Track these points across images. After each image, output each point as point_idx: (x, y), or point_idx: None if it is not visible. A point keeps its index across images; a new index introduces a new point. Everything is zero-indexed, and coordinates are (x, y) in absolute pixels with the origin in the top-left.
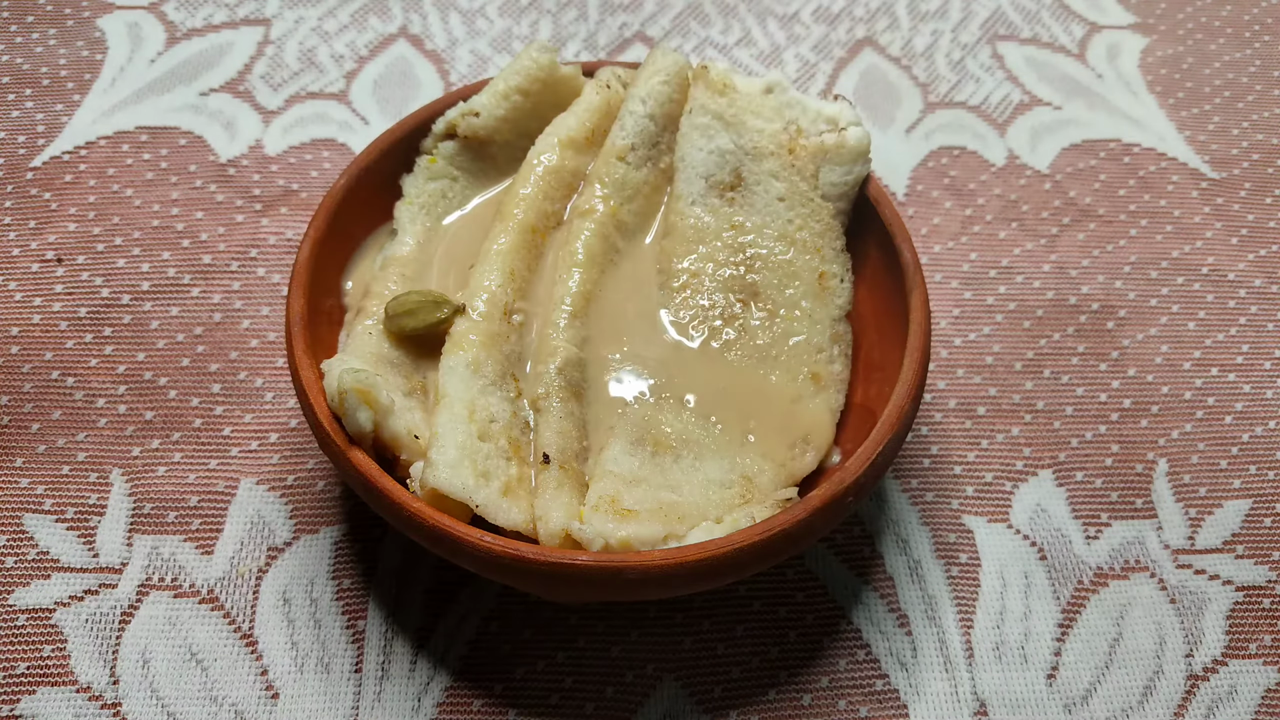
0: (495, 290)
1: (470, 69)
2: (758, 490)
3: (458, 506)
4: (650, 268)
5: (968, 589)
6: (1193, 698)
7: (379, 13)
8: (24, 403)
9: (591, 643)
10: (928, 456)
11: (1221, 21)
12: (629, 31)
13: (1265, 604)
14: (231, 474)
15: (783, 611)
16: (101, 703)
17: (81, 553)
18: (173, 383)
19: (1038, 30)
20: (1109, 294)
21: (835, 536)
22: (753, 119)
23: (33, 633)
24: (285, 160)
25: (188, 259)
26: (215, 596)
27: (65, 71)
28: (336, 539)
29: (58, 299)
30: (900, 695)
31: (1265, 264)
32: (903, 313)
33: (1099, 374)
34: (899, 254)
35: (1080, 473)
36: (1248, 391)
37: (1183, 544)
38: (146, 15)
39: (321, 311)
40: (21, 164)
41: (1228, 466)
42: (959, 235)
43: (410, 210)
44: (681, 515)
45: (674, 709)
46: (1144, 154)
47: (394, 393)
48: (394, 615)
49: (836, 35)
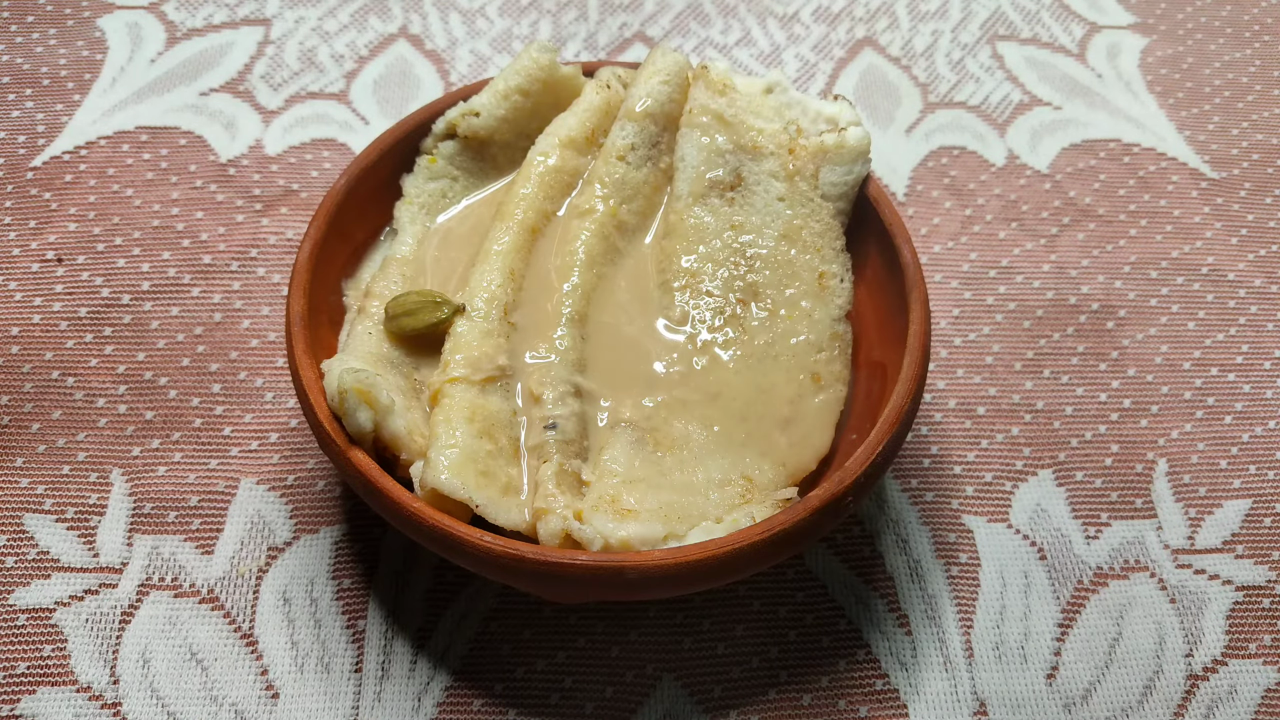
0: (495, 290)
1: (470, 69)
2: (758, 490)
3: (458, 506)
4: (650, 268)
5: (968, 589)
6: (1192, 697)
7: (379, 13)
8: (24, 402)
9: (591, 643)
10: (928, 456)
11: (1221, 21)
12: (629, 31)
13: (1265, 604)
14: (232, 474)
15: (783, 611)
16: (101, 703)
17: (81, 553)
18: (173, 382)
19: (1038, 30)
20: (1109, 294)
21: (835, 536)
22: (753, 119)
23: (33, 633)
24: (285, 160)
25: (188, 259)
26: (215, 596)
27: (65, 71)
28: (336, 539)
29: (58, 299)
30: (900, 695)
31: (1265, 264)
32: (903, 313)
33: (1099, 374)
34: (899, 254)
35: (1080, 472)
36: (1247, 391)
37: (1183, 544)
38: (146, 15)
39: (321, 311)
40: (21, 164)
41: (1228, 466)
42: (959, 235)
43: (410, 210)
44: (681, 515)
45: (674, 709)
46: (1144, 154)
47: (394, 393)
48: (394, 615)
49: (836, 35)
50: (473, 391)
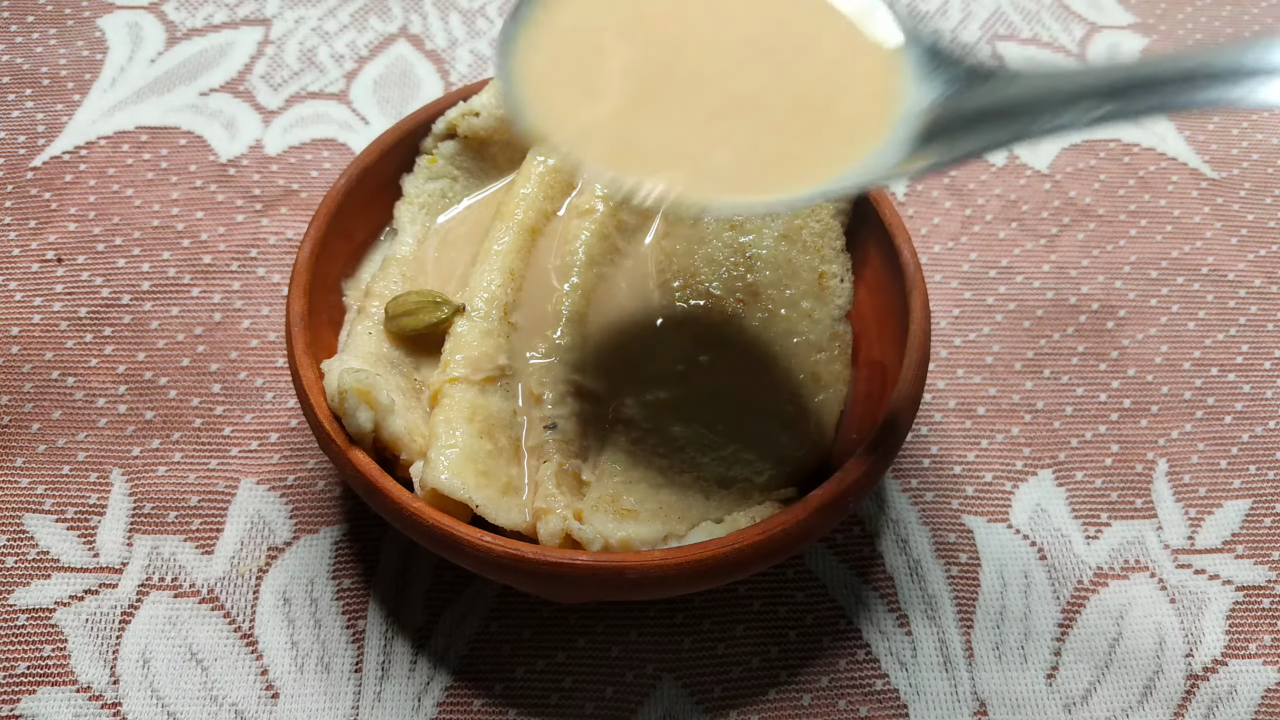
0: (495, 290)
1: (470, 69)
2: (758, 490)
3: (458, 506)
4: (650, 268)
5: (968, 589)
6: (1192, 698)
7: (379, 13)
8: (24, 402)
9: (591, 643)
10: (928, 456)
11: (1221, 21)
12: None
13: (1265, 604)
14: (231, 474)
15: (783, 611)
16: (101, 702)
17: (81, 552)
18: (173, 382)
19: (1038, 30)
20: (1109, 294)
21: (835, 536)
22: None
23: (33, 632)
24: (285, 160)
25: (188, 259)
26: (215, 596)
27: (65, 71)
28: (336, 539)
29: (58, 299)
30: (900, 695)
31: (1265, 264)
32: (903, 313)
33: (1099, 374)
34: (899, 254)
35: (1080, 472)
36: (1247, 391)
37: (1182, 544)
38: (146, 15)
39: (321, 311)
40: (21, 164)
41: (1228, 466)
42: (959, 235)
43: (410, 210)
44: (681, 515)
45: (674, 709)
46: (1144, 154)
47: (394, 393)
48: (394, 615)
49: None
50: (473, 391)
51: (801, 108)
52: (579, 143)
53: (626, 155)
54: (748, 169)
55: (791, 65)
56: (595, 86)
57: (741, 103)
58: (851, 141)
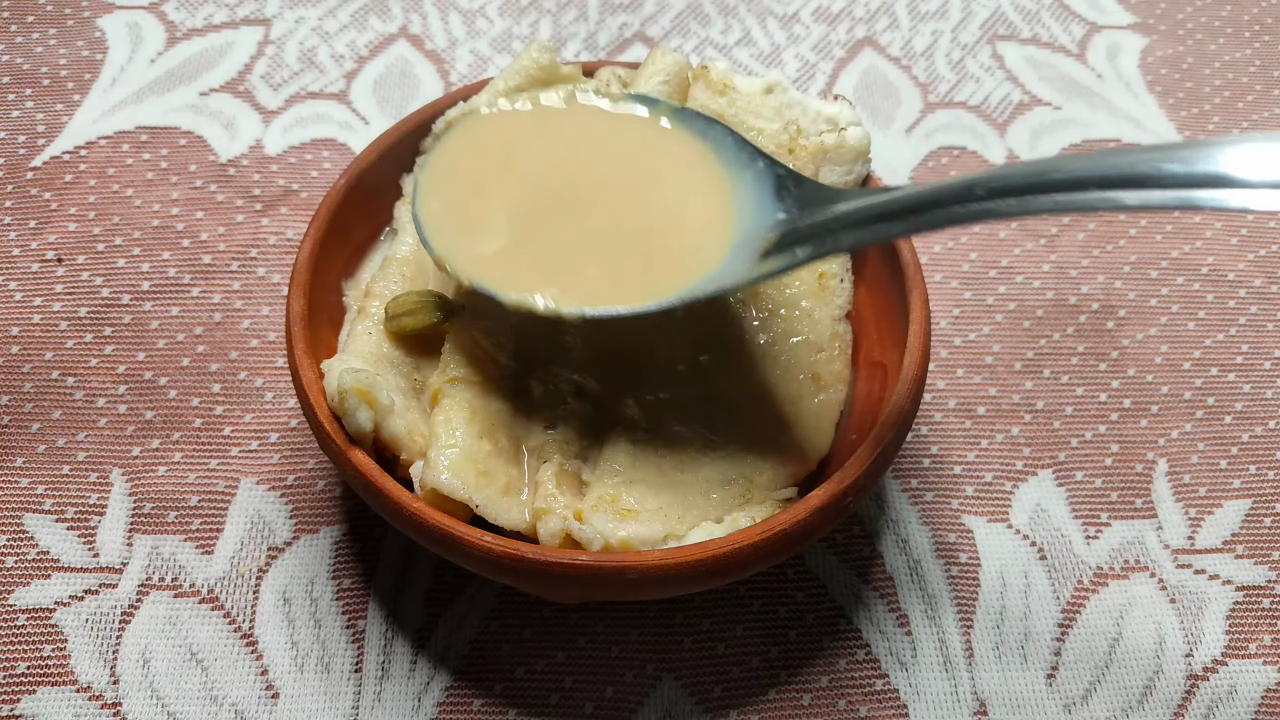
0: None
1: (470, 69)
2: (758, 490)
3: (458, 506)
4: None
5: (968, 589)
6: (1192, 698)
7: (379, 13)
8: (24, 403)
9: (591, 643)
10: (928, 456)
11: (1221, 21)
12: (629, 31)
13: (1265, 604)
14: (231, 474)
15: (783, 611)
16: (101, 703)
17: (81, 552)
18: (173, 382)
19: (1038, 30)
20: (1109, 294)
21: (835, 536)
22: (753, 119)
23: (33, 632)
24: (285, 160)
25: (188, 259)
26: (215, 596)
27: (65, 71)
28: (336, 539)
29: (58, 299)
30: (900, 695)
31: (1265, 264)
32: (903, 313)
33: (1099, 374)
34: (899, 254)
35: (1080, 472)
36: (1247, 391)
37: (1183, 544)
38: (146, 15)
39: (321, 311)
40: (21, 164)
41: (1228, 466)
42: (959, 235)
43: (410, 210)
44: (681, 515)
45: (674, 709)
46: None
47: (394, 393)
48: (394, 615)
49: (836, 35)
50: (473, 391)
51: (653, 233)
52: (475, 269)
53: (513, 277)
54: (614, 283)
55: (644, 198)
56: (481, 222)
57: (604, 229)
58: (697, 260)
